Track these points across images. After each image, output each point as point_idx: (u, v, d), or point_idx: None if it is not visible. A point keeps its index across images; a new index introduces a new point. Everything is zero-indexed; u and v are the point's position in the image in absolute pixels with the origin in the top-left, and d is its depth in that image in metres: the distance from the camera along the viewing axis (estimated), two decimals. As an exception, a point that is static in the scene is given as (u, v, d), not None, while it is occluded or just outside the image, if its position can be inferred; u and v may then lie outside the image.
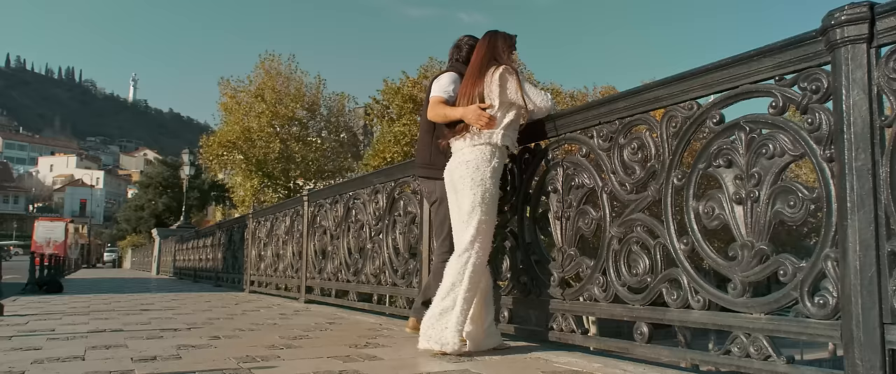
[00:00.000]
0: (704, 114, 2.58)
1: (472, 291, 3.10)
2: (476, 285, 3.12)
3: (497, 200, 3.25)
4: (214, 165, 28.64)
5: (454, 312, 3.07)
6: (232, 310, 6.20)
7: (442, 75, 3.70)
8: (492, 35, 3.43)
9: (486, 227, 3.16)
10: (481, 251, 3.13)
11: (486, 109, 3.21)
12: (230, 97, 26.43)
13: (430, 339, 3.12)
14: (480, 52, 3.38)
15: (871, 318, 1.94)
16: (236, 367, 2.81)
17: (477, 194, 3.14)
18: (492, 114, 3.20)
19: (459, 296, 3.07)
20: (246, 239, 10.07)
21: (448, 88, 3.56)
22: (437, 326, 3.10)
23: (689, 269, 2.59)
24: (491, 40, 3.40)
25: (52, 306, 6.67)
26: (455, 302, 3.07)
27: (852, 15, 2.02)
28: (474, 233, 3.12)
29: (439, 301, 3.14)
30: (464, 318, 3.08)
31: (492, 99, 3.22)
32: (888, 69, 1.97)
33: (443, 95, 3.53)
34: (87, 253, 44.57)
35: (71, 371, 2.73)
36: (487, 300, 3.28)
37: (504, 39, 3.41)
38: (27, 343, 3.67)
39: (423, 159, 3.84)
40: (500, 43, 3.39)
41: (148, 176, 47.62)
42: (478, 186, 3.15)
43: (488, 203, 3.16)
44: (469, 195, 3.16)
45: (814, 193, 2.17)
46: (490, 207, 3.17)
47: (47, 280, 9.59)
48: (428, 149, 3.76)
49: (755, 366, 2.29)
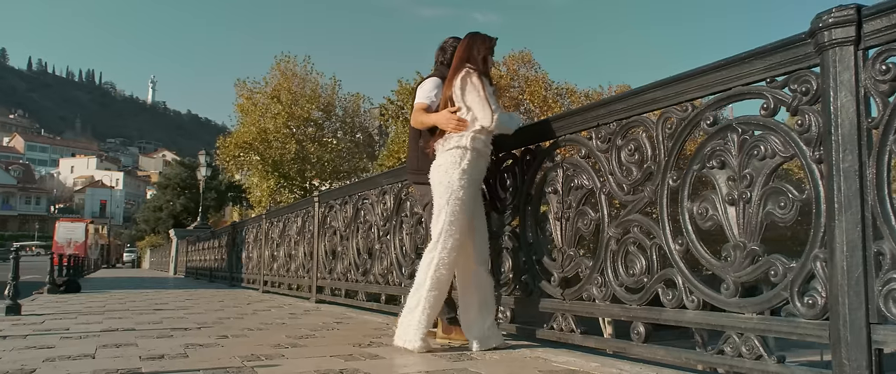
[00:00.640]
0: (698, 115, 2.61)
1: (435, 290, 3.20)
2: (440, 285, 3.22)
3: (469, 202, 3.29)
4: (231, 166, 28.87)
5: (416, 311, 3.20)
6: (243, 310, 6.29)
7: (426, 81, 3.74)
8: (470, 37, 3.47)
9: (452, 229, 3.23)
10: (447, 253, 3.21)
11: (456, 112, 3.27)
12: (246, 99, 26.66)
13: (400, 336, 3.29)
14: (456, 55, 3.44)
15: (857, 318, 1.96)
16: (240, 365, 2.88)
17: (443, 197, 3.24)
18: (462, 117, 3.26)
19: (422, 295, 3.20)
20: (259, 240, 10.18)
21: (430, 94, 3.60)
22: (404, 323, 3.27)
23: (684, 269, 2.61)
24: (468, 43, 3.44)
25: (68, 306, 6.80)
26: (418, 302, 3.20)
27: (839, 18, 2.04)
28: (438, 235, 3.23)
29: (409, 299, 3.30)
30: (425, 318, 3.19)
31: (457, 102, 3.29)
32: (875, 71, 1.98)
33: (425, 101, 3.58)
34: (107, 253, 45.17)
35: (80, 369, 2.81)
36: (487, 300, 3.33)
37: (481, 41, 3.44)
38: (41, 342, 3.77)
39: (412, 165, 3.91)
40: (476, 45, 3.42)
41: (166, 177, 48.13)
42: (445, 188, 3.24)
43: (455, 206, 3.23)
44: (436, 198, 3.28)
45: (804, 193, 2.19)
46: (458, 209, 3.23)
47: (66, 280, 9.76)
48: (415, 154, 3.82)
49: (747, 365, 2.31)
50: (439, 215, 3.25)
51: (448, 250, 3.21)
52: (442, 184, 3.26)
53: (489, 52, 3.46)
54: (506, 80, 23.51)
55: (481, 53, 3.41)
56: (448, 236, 3.21)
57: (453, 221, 3.21)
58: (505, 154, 3.78)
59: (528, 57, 24.30)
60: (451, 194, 3.22)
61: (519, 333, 3.61)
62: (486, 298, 3.34)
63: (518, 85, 23.82)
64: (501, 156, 3.78)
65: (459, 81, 3.30)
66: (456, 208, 3.22)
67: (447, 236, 3.22)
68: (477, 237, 3.38)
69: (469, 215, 3.29)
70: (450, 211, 3.22)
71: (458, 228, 3.23)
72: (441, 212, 3.24)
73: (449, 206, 3.21)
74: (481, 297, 3.33)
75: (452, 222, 3.21)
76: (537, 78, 23.89)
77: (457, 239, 3.23)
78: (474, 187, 3.34)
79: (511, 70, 24.01)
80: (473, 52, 3.39)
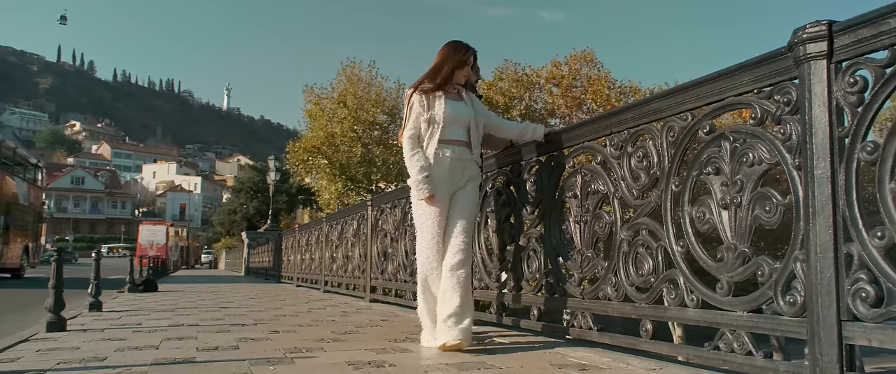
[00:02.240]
0: (696, 124, 2.76)
1: (420, 293, 3.61)
2: (421, 286, 3.59)
3: (425, 212, 3.50)
4: (300, 170, 29.82)
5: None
6: (300, 308, 6.68)
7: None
8: (445, 47, 3.67)
9: (417, 236, 3.57)
10: (417, 258, 3.59)
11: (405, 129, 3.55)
12: (314, 104, 27.52)
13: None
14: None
15: (829, 315, 2.09)
16: (282, 356, 3.20)
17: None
18: (408, 133, 3.52)
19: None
20: (320, 242, 10.65)
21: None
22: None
23: (686, 270, 2.76)
24: (439, 56, 3.64)
25: (144, 304, 7.37)
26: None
27: (812, 33, 2.17)
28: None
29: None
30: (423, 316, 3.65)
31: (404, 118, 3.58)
32: (845, 84, 2.11)
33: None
34: (186, 255, 47.18)
35: (143, 358, 3.18)
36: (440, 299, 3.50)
37: (453, 52, 3.62)
38: (116, 335, 4.21)
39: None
40: (448, 59, 3.60)
41: (240, 181, 50.07)
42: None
43: (415, 216, 3.58)
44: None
45: (786, 198, 2.32)
46: (417, 219, 3.56)
47: (144, 280, 10.46)
48: None
49: (739, 360, 2.46)
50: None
51: (417, 255, 3.60)
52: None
53: (459, 66, 3.59)
54: (568, 80, 23.52)
55: (451, 65, 3.58)
56: (416, 244, 3.63)
57: (417, 230, 3.60)
58: (534, 159, 3.97)
59: (590, 56, 24.21)
60: (410, 205, 3.63)
61: (544, 330, 3.81)
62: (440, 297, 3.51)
63: (580, 84, 23.78)
64: (531, 160, 3.97)
65: (406, 98, 3.62)
66: (417, 218, 3.59)
67: (417, 244, 3.63)
68: (446, 241, 3.52)
69: (426, 223, 3.51)
70: (414, 221, 3.64)
71: (421, 235, 3.55)
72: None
73: (411, 215, 3.57)
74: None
75: (417, 228, 3.61)
76: (599, 77, 23.78)
77: (420, 245, 3.57)
78: (440, 204, 3.51)
79: (573, 70, 23.98)
80: (440, 66, 3.58)
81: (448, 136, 3.51)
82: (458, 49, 3.63)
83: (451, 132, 3.52)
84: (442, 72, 3.56)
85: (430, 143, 3.49)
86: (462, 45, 3.65)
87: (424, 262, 3.54)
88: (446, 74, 3.57)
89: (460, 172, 3.56)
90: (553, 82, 24.12)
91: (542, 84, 24.37)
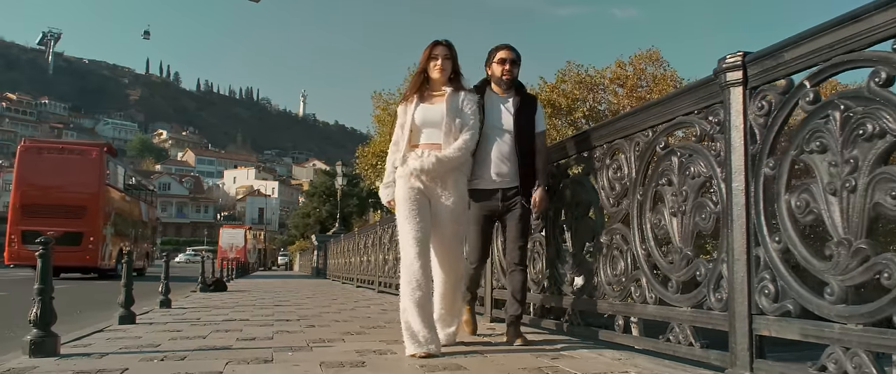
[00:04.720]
0: (654, 140, 3.08)
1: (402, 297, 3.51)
2: (406, 286, 3.47)
3: (398, 217, 3.58)
4: (370, 174, 30.72)
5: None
6: (346, 306, 7.22)
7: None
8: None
9: (400, 237, 3.57)
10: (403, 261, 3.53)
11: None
12: (382, 109, 28.26)
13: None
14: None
15: (743, 310, 2.40)
16: (303, 345, 3.69)
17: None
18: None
19: None
20: (375, 245, 11.22)
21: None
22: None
23: (647, 270, 3.09)
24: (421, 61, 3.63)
25: (209, 302, 8.08)
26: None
27: (730, 63, 2.48)
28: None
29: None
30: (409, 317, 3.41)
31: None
32: (755, 107, 2.41)
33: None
34: (263, 257, 49.13)
35: (189, 345, 3.73)
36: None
37: (423, 55, 3.58)
38: (174, 327, 4.81)
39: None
40: (420, 63, 3.60)
41: (314, 186, 51.79)
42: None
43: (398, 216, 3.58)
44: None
45: (717, 207, 2.63)
46: (399, 219, 3.56)
47: (214, 280, 11.30)
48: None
49: (682, 351, 2.78)
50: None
51: (402, 254, 3.56)
52: None
53: (426, 66, 3.54)
54: (633, 79, 23.42)
55: (419, 69, 3.59)
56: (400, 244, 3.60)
57: (399, 232, 3.60)
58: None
59: (656, 55, 24.02)
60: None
61: (556, 328, 4.15)
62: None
63: (646, 84, 23.63)
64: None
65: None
66: (399, 219, 3.58)
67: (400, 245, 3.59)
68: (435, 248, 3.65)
69: (405, 223, 3.50)
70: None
71: (402, 235, 3.56)
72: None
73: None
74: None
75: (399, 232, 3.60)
76: (665, 76, 23.57)
77: (403, 245, 3.54)
78: (405, 204, 3.53)
79: (638, 69, 23.86)
80: (418, 73, 3.62)
81: (418, 140, 3.53)
82: (425, 49, 3.58)
83: (425, 136, 3.51)
84: (414, 79, 3.65)
85: (404, 148, 3.56)
86: (429, 44, 3.57)
87: (406, 264, 3.49)
88: (414, 79, 3.62)
89: (433, 175, 3.46)
90: (618, 83, 23.98)
91: (607, 85, 24.26)
